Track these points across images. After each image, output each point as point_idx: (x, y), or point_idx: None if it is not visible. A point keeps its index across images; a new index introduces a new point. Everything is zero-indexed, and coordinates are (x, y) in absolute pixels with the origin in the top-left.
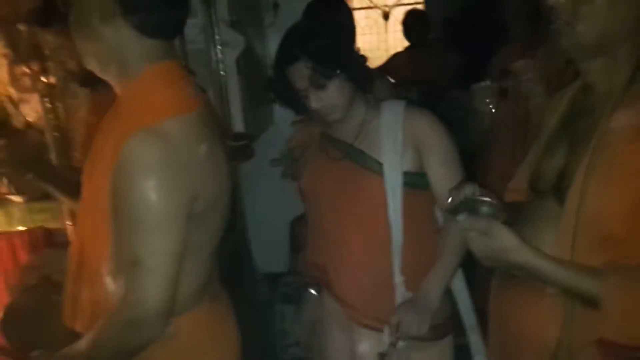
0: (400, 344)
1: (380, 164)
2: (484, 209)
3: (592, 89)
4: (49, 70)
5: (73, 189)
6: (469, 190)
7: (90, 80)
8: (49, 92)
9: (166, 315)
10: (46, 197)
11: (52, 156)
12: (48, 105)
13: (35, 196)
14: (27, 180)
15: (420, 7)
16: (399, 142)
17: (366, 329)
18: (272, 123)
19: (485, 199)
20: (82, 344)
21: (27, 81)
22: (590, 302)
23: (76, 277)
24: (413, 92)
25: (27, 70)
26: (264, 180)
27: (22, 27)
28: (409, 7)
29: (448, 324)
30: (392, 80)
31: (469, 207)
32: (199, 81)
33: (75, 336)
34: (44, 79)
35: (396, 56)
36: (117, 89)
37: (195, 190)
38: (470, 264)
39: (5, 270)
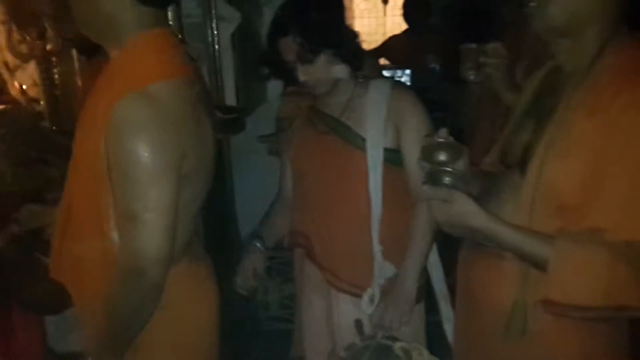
0: (375, 297)
1: (364, 140)
2: (446, 179)
3: (560, 69)
4: (46, 37)
5: (68, 155)
6: (442, 134)
7: (87, 48)
8: (46, 59)
9: (165, 262)
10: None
11: (46, 123)
12: (44, 72)
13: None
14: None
15: None
16: (383, 119)
17: (344, 295)
18: (265, 101)
19: (447, 169)
20: (104, 307)
21: (24, 48)
22: (538, 264)
23: (63, 233)
24: (407, 74)
25: (25, 37)
26: (253, 156)
27: None
28: None
29: (420, 292)
30: (387, 62)
31: (433, 178)
32: (192, 52)
33: (61, 291)
34: (41, 46)
35: (394, 38)
36: (110, 54)
37: (183, 149)
38: (444, 241)
39: None
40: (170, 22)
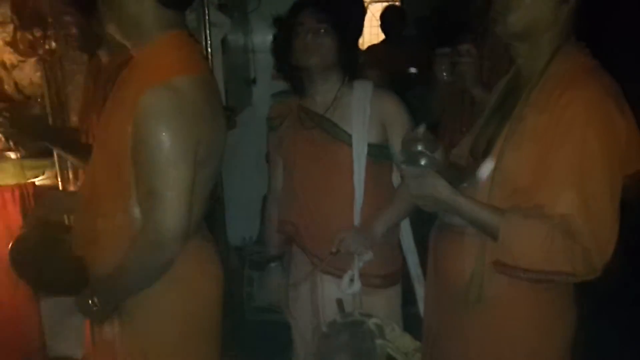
0: (355, 278)
1: (350, 135)
2: (422, 161)
3: (520, 73)
4: (50, 36)
5: (76, 148)
6: (420, 133)
7: (89, 46)
8: (49, 58)
9: (182, 237)
10: (40, 154)
11: (49, 119)
12: (47, 70)
13: (31, 153)
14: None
15: (397, 4)
16: (367, 117)
17: (328, 276)
18: (250, 105)
19: (423, 151)
20: (110, 270)
21: (28, 46)
22: (491, 232)
23: (86, 209)
24: (386, 81)
25: (29, 36)
26: (240, 159)
27: None
28: (385, 4)
29: (396, 275)
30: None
31: (411, 159)
32: None
33: (83, 269)
34: (46, 45)
35: (372, 48)
36: (134, 51)
37: (200, 136)
38: (421, 227)
39: None
40: None
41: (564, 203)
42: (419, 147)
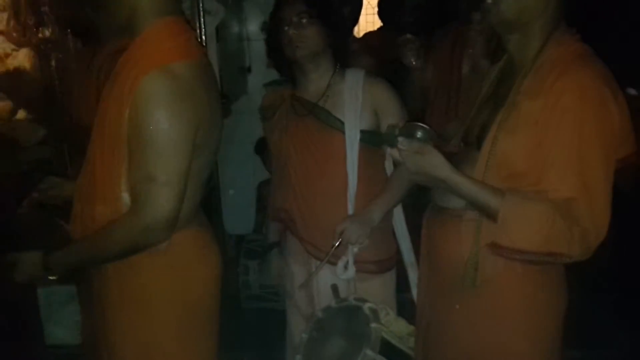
0: (349, 264)
1: (342, 122)
2: (419, 134)
3: (512, 60)
4: (45, 25)
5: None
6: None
7: (84, 33)
8: (43, 45)
9: (174, 223)
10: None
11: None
12: (41, 58)
13: None
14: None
15: None
16: (359, 104)
17: None
18: (246, 93)
19: (420, 124)
20: (90, 240)
21: (22, 35)
22: (490, 213)
23: (85, 197)
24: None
25: (23, 24)
26: (235, 148)
27: None
28: None
29: (391, 261)
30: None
31: (407, 132)
32: None
33: None
34: (39, 33)
35: (368, 35)
36: (129, 39)
37: (198, 122)
38: (413, 214)
39: None
40: None
41: (567, 187)
42: (418, 134)
